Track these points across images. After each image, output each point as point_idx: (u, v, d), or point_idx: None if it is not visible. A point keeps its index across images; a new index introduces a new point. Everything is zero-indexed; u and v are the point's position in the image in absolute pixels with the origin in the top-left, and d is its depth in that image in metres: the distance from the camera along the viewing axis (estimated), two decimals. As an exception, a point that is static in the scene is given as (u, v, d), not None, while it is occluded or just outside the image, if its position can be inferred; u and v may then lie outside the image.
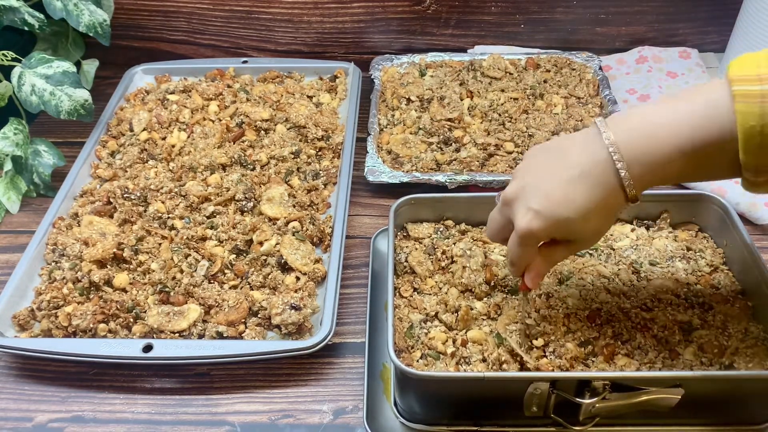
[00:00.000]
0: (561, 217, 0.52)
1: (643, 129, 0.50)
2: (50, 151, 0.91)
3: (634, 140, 0.50)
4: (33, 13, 0.89)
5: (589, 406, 0.57)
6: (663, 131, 0.49)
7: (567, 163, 0.52)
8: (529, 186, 0.54)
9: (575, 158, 0.52)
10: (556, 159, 0.54)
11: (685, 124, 0.49)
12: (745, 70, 0.47)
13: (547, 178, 0.53)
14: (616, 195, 0.51)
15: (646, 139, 0.50)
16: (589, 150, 0.52)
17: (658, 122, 0.50)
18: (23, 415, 0.67)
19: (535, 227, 0.53)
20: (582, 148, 0.52)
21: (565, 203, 0.52)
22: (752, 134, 0.46)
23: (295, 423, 0.65)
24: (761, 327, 0.65)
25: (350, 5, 1.08)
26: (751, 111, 0.46)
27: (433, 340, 0.65)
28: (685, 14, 1.08)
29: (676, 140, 0.49)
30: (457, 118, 0.94)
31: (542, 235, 0.54)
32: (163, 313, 0.71)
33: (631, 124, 0.51)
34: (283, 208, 0.82)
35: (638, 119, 0.51)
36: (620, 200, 0.52)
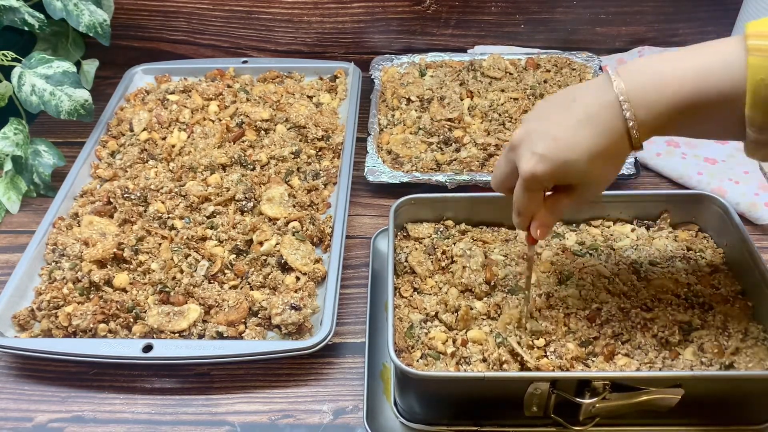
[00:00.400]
0: (566, 160, 0.52)
1: (653, 76, 0.50)
2: (50, 151, 0.91)
3: (643, 87, 0.50)
4: (33, 13, 0.89)
5: (589, 406, 0.57)
6: (673, 80, 0.49)
7: (574, 107, 0.52)
8: (535, 130, 0.53)
9: (583, 103, 0.52)
10: (564, 105, 0.54)
11: (696, 74, 0.49)
12: (762, 26, 0.47)
13: (554, 122, 0.53)
14: (621, 140, 0.52)
15: (655, 86, 0.50)
16: (598, 95, 0.52)
17: (669, 71, 0.50)
18: (23, 415, 0.67)
19: (540, 171, 0.53)
20: (591, 93, 0.52)
21: (570, 146, 0.52)
22: (760, 88, 0.46)
23: (295, 423, 0.65)
24: (761, 327, 0.65)
25: (350, 5, 1.08)
26: (763, 65, 0.46)
27: (433, 340, 0.65)
28: (685, 14, 1.08)
29: (684, 89, 0.49)
30: (457, 118, 0.94)
31: (547, 179, 0.53)
32: (163, 313, 0.71)
33: (642, 72, 0.51)
34: (283, 208, 0.82)
35: (650, 67, 0.51)
36: (625, 146, 0.52)
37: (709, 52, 0.49)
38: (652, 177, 0.90)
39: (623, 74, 0.51)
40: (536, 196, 0.56)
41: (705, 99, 0.49)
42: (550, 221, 0.58)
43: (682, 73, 0.49)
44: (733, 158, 0.90)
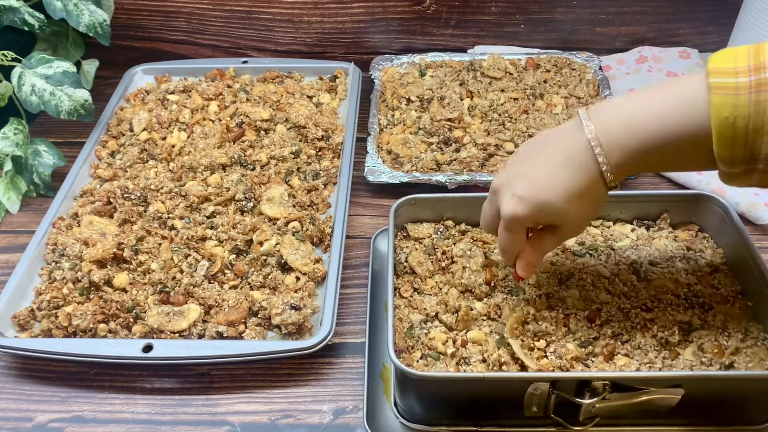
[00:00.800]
0: (543, 202, 0.54)
1: (623, 119, 0.52)
2: (50, 151, 0.91)
3: (613, 129, 0.52)
4: (33, 13, 0.89)
5: (589, 406, 0.57)
6: (641, 121, 0.51)
7: (551, 150, 0.55)
8: (514, 174, 0.56)
9: (559, 147, 0.54)
10: (541, 149, 0.56)
11: (662, 115, 0.50)
12: (723, 63, 0.48)
13: (532, 166, 0.55)
14: (596, 181, 0.53)
15: (625, 129, 0.52)
16: (572, 138, 0.54)
17: (637, 113, 0.52)
18: (23, 415, 0.67)
19: (519, 212, 0.55)
20: (565, 137, 0.54)
21: (547, 188, 0.54)
22: (725, 126, 0.47)
23: (295, 423, 0.65)
24: (761, 327, 0.65)
25: (350, 5, 1.08)
26: (725, 103, 0.47)
27: (433, 340, 0.65)
28: (685, 14, 1.08)
29: (652, 131, 0.51)
30: (457, 118, 0.94)
31: (527, 220, 0.56)
32: (163, 313, 0.71)
33: (612, 114, 0.53)
34: (283, 208, 0.82)
35: (618, 109, 0.53)
36: (600, 187, 0.54)
37: (674, 92, 0.51)
38: (652, 177, 0.90)
39: (594, 117, 0.53)
40: (518, 237, 0.59)
41: (672, 139, 0.50)
42: (534, 259, 0.61)
43: (647, 114, 0.51)
44: (733, 158, 0.90)
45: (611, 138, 0.52)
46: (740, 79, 0.47)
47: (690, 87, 0.50)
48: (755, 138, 0.47)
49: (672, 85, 0.51)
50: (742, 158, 0.48)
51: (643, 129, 0.51)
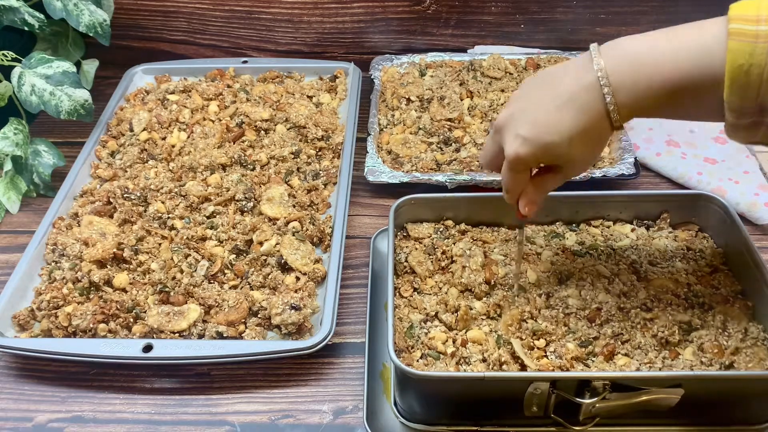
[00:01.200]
0: (547, 142, 0.53)
1: (634, 58, 0.51)
2: (50, 151, 0.91)
3: (624, 68, 0.51)
4: (33, 13, 0.89)
5: (589, 406, 0.57)
6: (653, 62, 0.50)
7: (556, 89, 0.53)
8: (518, 112, 0.55)
9: (565, 85, 0.53)
10: (546, 86, 0.54)
11: (675, 57, 0.49)
12: (745, 9, 0.47)
13: (536, 104, 0.54)
14: (602, 121, 0.52)
15: (636, 68, 0.50)
16: (579, 76, 0.52)
17: (650, 53, 0.50)
18: (23, 415, 0.67)
19: (523, 153, 0.54)
20: (572, 74, 0.53)
21: (551, 128, 0.53)
22: (739, 73, 0.46)
23: (295, 423, 0.65)
24: (761, 327, 0.65)
25: (350, 5, 1.08)
26: (741, 49, 0.46)
27: (433, 340, 0.65)
28: (685, 14, 1.08)
29: (664, 73, 0.49)
30: (457, 118, 0.94)
31: (530, 160, 0.55)
32: (163, 313, 0.71)
33: (624, 52, 0.51)
34: (283, 208, 0.82)
35: (631, 48, 0.51)
36: (606, 127, 0.53)
37: (690, 35, 0.50)
38: (652, 177, 0.90)
39: (605, 54, 0.52)
40: (522, 176, 0.58)
41: (684, 83, 0.49)
42: (537, 198, 0.60)
43: (661, 55, 0.50)
44: (733, 158, 0.90)
45: (621, 77, 0.50)
46: (761, 27, 0.46)
47: (708, 32, 0.49)
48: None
49: (690, 28, 0.50)
50: (752, 109, 0.48)
51: (654, 71, 0.50)
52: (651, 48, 0.50)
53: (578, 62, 0.53)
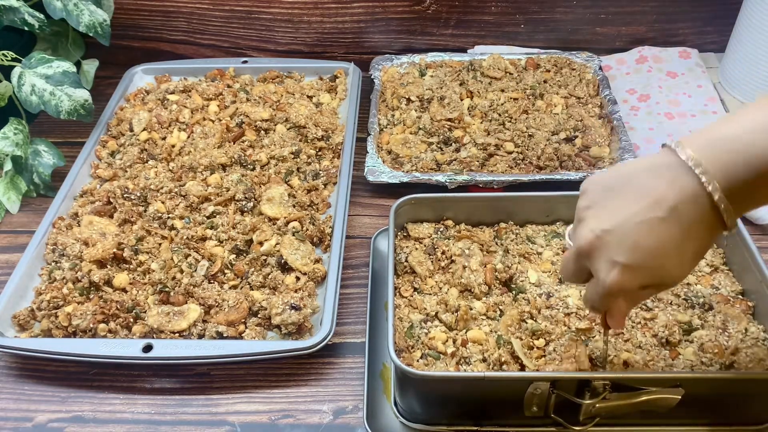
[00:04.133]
0: (654, 267, 0.46)
1: (736, 142, 0.43)
2: (50, 151, 0.91)
3: (724, 158, 0.43)
4: (33, 13, 0.89)
5: (589, 406, 0.57)
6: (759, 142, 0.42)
7: (648, 201, 0.45)
8: (607, 234, 0.46)
9: (659, 194, 0.45)
10: (632, 197, 0.46)
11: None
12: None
13: (629, 222, 0.45)
14: (711, 226, 0.45)
15: (741, 155, 0.43)
16: (673, 180, 0.44)
17: (750, 133, 0.43)
18: (23, 415, 0.67)
19: (626, 281, 0.46)
20: (663, 179, 0.45)
21: (656, 251, 0.45)
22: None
23: (295, 423, 0.65)
24: (761, 327, 0.65)
25: (350, 5, 1.08)
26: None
27: (433, 340, 0.65)
28: (685, 14, 1.08)
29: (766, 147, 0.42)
30: (457, 118, 0.94)
31: (633, 287, 0.47)
32: (163, 313, 0.71)
33: (716, 139, 0.44)
34: (283, 208, 0.82)
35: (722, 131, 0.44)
36: (716, 232, 0.46)
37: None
38: (652, 177, 0.90)
39: (693, 146, 0.44)
40: (617, 298, 0.50)
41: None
42: (629, 310, 0.55)
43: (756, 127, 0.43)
44: (733, 158, 0.90)
45: (727, 174, 0.43)
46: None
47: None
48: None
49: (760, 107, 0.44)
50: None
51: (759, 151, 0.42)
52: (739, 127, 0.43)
53: (663, 162, 0.46)
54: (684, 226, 0.45)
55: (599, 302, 0.51)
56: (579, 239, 0.49)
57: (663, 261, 0.46)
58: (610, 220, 0.47)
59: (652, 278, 0.47)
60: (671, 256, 0.46)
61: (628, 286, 0.47)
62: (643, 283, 0.47)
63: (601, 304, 0.51)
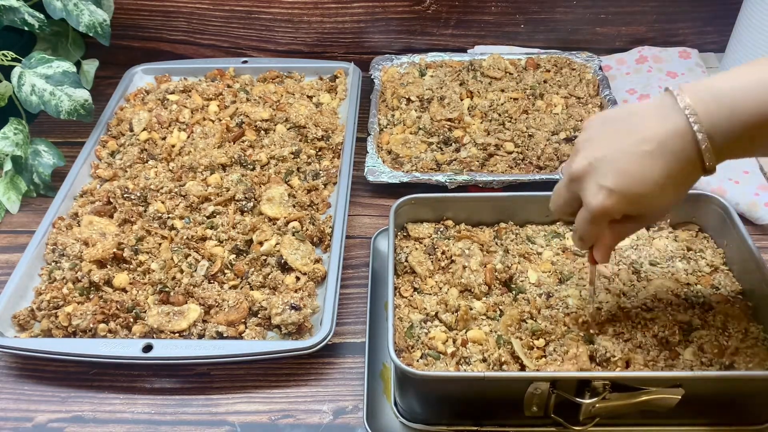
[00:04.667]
0: (637, 194, 0.50)
1: (725, 95, 0.47)
2: (50, 151, 0.91)
3: (713, 110, 0.47)
4: (33, 13, 0.89)
5: (589, 406, 0.57)
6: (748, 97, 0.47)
7: (641, 135, 0.50)
8: (599, 161, 0.51)
9: (650, 130, 0.49)
10: (626, 131, 0.51)
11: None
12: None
13: (619, 152, 0.50)
14: (693, 167, 0.49)
15: (729, 106, 0.47)
16: (665, 120, 0.49)
17: (742, 87, 0.47)
18: (23, 415, 0.67)
19: (609, 205, 0.51)
20: (657, 118, 0.50)
21: (641, 179, 0.49)
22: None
23: (295, 423, 0.65)
24: (761, 327, 0.65)
25: (350, 5, 1.08)
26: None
27: (433, 339, 0.65)
28: (685, 14, 1.08)
29: (760, 109, 0.46)
30: (457, 118, 0.94)
31: (616, 213, 0.52)
32: (163, 313, 0.71)
33: (711, 90, 0.48)
34: (283, 208, 0.82)
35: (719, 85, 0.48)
36: (696, 172, 0.50)
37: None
38: (652, 177, 0.90)
39: (690, 93, 0.49)
40: (602, 226, 0.54)
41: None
42: (614, 243, 0.57)
43: (751, 87, 0.47)
44: (733, 158, 0.90)
45: (712, 118, 0.47)
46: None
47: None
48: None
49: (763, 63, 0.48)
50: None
51: (748, 107, 0.47)
52: (736, 83, 0.48)
53: (660, 102, 0.50)
54: (669, 161, 0.49)
55: (587, 231, 0.54)
56: (573, 165, 0.53)
57: (646, 190, 0.50)
58: (603, 149, 0.51)
59: (633, 206, 0.51)
60: (653, 187, 0.50)
61: (611, 211, 0.51)
62: (625, 209, 0.52)
63: (587, 232, 0.55)
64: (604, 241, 0.56)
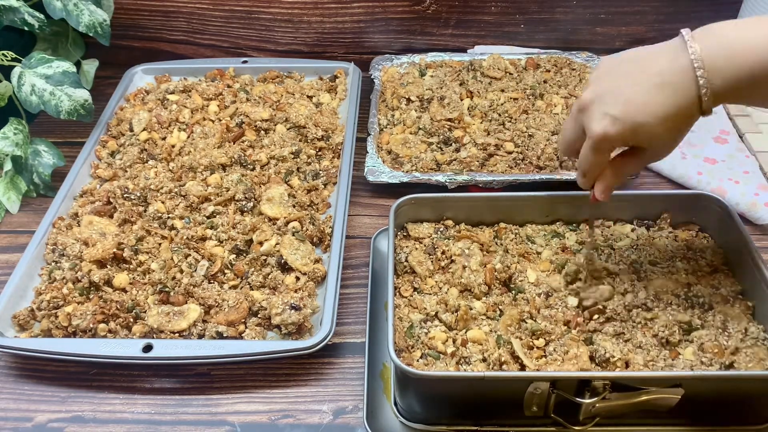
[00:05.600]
0: (638, 123, 0.53)
1: (728, 45, 0.51)
2: (50, 151, 0.91)
3: (717, 54, 0.51)
4: (33, 13, 0.89)
5: (589, 406, 0.57)
6: (746, 47, 0.50)
7: (648, 70, 0.53)
8: (606, 92, 0.54)
9: (657, 66, 0.53)
10: (636, 66, 0.54)
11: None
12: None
13: (626, 84, 0.53)
14: (693, 105, 0.52)
15: (729, 55, 0.50)
16: (673, 57, 0.52)
17: (743, 38, 0.50)
18: (23, 415, 0.67)
19: (612, 132, 0.54)
20: (666, 56, 0.53)
21: (643, 109, 0.52)
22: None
23: (295, 423, 0.65)
24: (761, 327, 0.65)
25: (350, 5, 1.08)
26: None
27: (433, 339, 0.65)
28: (685, 14, 1.08)
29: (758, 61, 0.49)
30: (457, 118, 0.94)
31: (617, 140, 0.55)
32: (163, 313, 0.71)
33: (717, 37, 0.52)
34: (283, 208, 0.82)
35: (724, 34, 0.52)
36: (696, 111, 0.53)
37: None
38: (652, 177, 0.90)
39: (698, 38, 0.52)
40: (604, 158, 0.57)
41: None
42: (615, 182, 0.60)
43: (755, 43, 0.50)
44: (733, 158, 0.90)
45: (715, 62, 0.51)
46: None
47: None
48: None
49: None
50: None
51: (749, 58, 0.50)
52: (743, 33, 0.51)
53: (670, 44, 0.53)
54: (672, 95, 0.52)
55: (589, 161, 0.57)
56: (581, 96, 0.56)
57: (647, 119, 0.53)
58: (610, 81, 0.54)
59: (634, 135, 0.54)
60: (655, 118, 0.53)
61: (612, 137, 0.54)
62: (625, 137, 0.54)
63: (590, 164, 0.57)
64: (606, 178, 0.59)
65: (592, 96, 0.55)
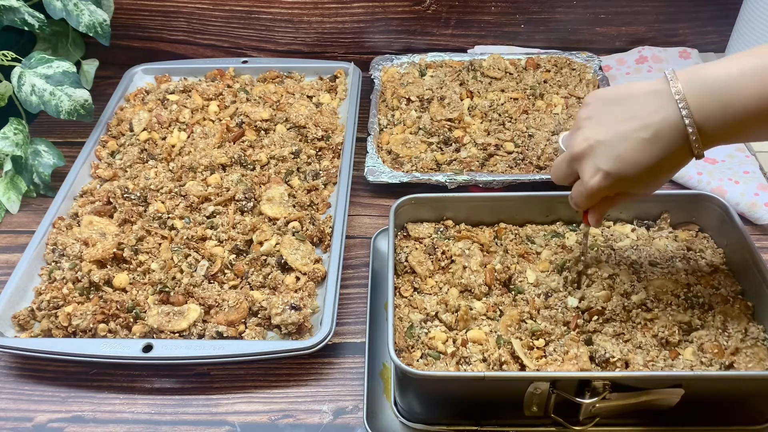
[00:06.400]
0: (630, 178, 0.54)
1: (718, 85, 0.50)
2: (50, 151, 0.91)
3: (707, 97, 0.51)
4: (33, 13, 0.89)
5: (589, 406, 0.57)
6: (737, 89, 0.50)
7: (638, 121, 0.53)
8: (598, 144, 0.55)
9: (647, 117, 0.53)
10: (625, 115, 0.54)
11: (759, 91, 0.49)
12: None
13: (617, 137, 0.54)
14: (684, 154, 0.53)
15: (720, 96, 0.50)
16: (659, 107, 0.52)
17: (732, 80, 0.50)
18: (23, 415, 0.67)
19: (605, 185, 0.55)
20: (653, 104, 0.53)
21: (635, 164, 0.54)
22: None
23: (295, 423, 0.65)
24: (761, 327, 0.65)
25: (350, 5, 1.08)
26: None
27: (433, 339, 0.65)
28: (685, 14, 1.08)
29: (750, 99, 0.49)
30: (457, 118, 0.94)
31: (610, 191, 0.57)
32: (163, 313, 0.71)
33: (705, 79, 0.51)
34: (283, 208, 0.82)
35: (713, 73, 0.51)
36: (686, 157, 0.54)
37: (756, 59, 0.50)
38: (652, 177, 0.90)
39: (685, 88, 0.51)
40: (597, 199, 0.59)
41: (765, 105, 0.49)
42: (606, 211, 0.62)
43: (751, 85, 0.49)
44: (733, 158, 0.90)
45: (704, 109, 0.51)
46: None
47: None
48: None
49: (751, 55, 0.51)
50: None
51: (739, 97, 0.50)
52: (736, 74, 0.50)
53: (654, 87, 0.53)
54: (662, 148, 0.53)
55: (582, 201, 0.60)
56: (575, 145, 0.57)
57: (638, 173, 0.54)
58: (603, 132, 0.55)
59: (626, 186, 0.56)
60: (646, 171, 0.54)
61: (606, 190, 0.56)
62: (618, 189, 0.56)
63: (583, 202, 0.60)
64: (598, 209, 0.62)
65: (584, 147, 0.56)
